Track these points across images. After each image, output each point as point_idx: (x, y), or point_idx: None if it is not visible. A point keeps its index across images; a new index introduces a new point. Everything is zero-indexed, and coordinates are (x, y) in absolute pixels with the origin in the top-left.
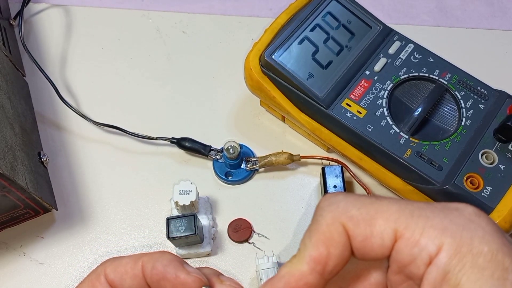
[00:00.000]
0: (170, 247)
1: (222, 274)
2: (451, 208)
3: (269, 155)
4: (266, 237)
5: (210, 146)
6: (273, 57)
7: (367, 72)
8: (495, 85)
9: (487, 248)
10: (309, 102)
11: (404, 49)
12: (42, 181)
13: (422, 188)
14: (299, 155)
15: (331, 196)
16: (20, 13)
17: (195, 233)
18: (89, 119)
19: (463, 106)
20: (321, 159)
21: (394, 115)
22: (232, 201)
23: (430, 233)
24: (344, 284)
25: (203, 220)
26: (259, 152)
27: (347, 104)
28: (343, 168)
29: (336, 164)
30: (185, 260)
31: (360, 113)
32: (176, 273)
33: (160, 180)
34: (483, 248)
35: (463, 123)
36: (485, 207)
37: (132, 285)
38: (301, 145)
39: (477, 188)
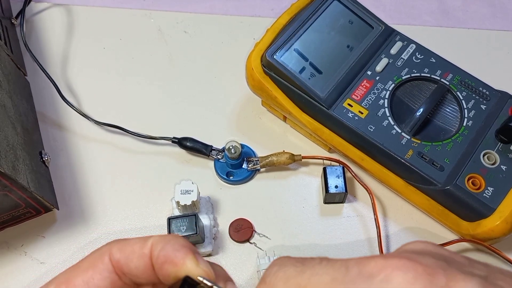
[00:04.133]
0: None
1: (232, 281)
2: (378, 279)
3: (270, 155)
4: (267, 237)
5: (212, 146)
6: (274, 57)
7: (369, 72)
8: (496, 86)
9: None
10: (310, 102)
11: (406, 49)
12: (44, 180)
13: (424, 188)
14: (300, 155)
15: (276, 262)
16: (21, 12)
17: (196, 233)
18: (91, 118)
19: (465, 106)
20: (323, 159)
21: (396, 115)
22: (233, 201)
23: None
24: None
25: (204, 220)
26: (260, 152)
27: (348, 104)
28: (345, 168)
29: (338, 164)
30: None
31: (362, 113)
32: (185, 259)
33: (161, 180)
34: None
35: (464, 124)
36: (487, 207)
37: (138, 266)
38: (303, 145)
39: (478, 188)
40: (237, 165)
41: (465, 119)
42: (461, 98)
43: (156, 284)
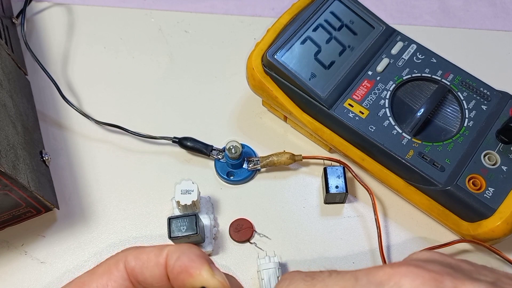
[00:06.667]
0: None
1: None
2: (387, 287)
3: (271, 155)
4: (267, 237)
5: (212, 146)
6: (275, 57)
7: (370, 73)
8: (497, 86)
9: None
10: (311, 102)
11: (407, 49)
12: (44, 179)
13: (424, 189)
14: (301, 155)
15: (286, 276)
16: (22, 12)
17: (196, 233)
18: (91, 118)
19: (466, 107)
20: (323, 159)
21: (397, 115)
22: (234, 201)
23: None
24: None
25: (205, 220)
26: (261, 152)
27: (349, 104)
28: (345, 168)
29: (338, 164)
30: None
31: (363, 113)
32: (201, 270)
33: (161, 180)
34: None
35: (465, 124)
36: (487, 208)
37: (153, 274)
38: (303, 145)
39: (479, 189)
40: (238, 165)
41: (466, 120)
42: (462, 98)
43: None
